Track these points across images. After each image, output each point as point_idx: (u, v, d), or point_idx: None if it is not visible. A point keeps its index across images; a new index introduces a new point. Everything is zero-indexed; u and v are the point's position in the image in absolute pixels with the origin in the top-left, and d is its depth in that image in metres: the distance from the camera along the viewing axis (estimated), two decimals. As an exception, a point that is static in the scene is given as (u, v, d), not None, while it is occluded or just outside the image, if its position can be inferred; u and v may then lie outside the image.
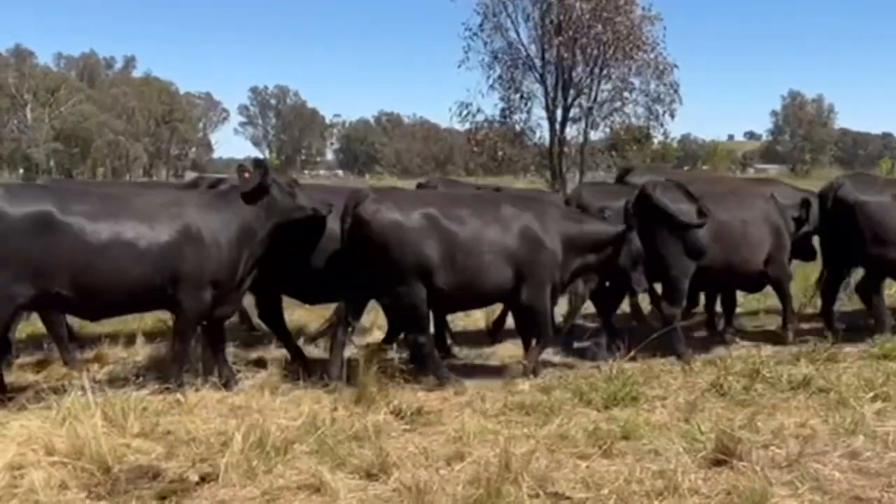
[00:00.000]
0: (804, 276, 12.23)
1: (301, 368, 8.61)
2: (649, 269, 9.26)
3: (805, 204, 10.39)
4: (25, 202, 7.27)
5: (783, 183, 12.34)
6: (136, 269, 7.54)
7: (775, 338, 10.34)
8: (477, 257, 8.38)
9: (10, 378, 8.01)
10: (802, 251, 10.64)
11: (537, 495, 5.52)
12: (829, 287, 10.79)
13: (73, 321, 9.43)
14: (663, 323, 9.45)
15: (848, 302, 11.66)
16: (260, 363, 9.01)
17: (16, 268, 7.16)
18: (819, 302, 11.33)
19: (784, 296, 10.26)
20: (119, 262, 7.46)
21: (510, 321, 11.16)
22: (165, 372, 8.00)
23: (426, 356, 8.56)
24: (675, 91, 33.89)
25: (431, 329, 9.04)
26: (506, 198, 9.35)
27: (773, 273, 9.95)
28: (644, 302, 11.42)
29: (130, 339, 10.11)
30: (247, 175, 8.24)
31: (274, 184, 8.24)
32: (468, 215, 8.51)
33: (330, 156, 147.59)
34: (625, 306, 11.08)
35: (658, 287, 9.90)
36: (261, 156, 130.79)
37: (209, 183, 9.46)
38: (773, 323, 11.20)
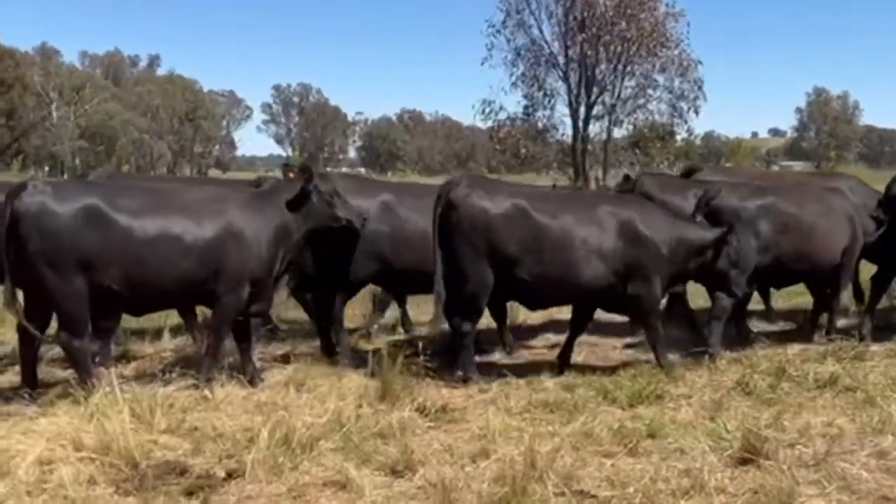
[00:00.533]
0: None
1: (326, 362, 8.75)
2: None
3: (881, 204, 10.37)
4: (75, 198, 7.42)
5: (856, 179, 12.16)
6: (184, 264, 7.67)
7: (801, 336, 10.28)
8: (568, 252, 8.37)
9: (39, 374, 8.07)
10: (874, 251, 10.51)
11: (563, 493, 5.51)
12: (880, 284, 10.67)
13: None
14: (714, 316, 9.41)
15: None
16: (284, 360, 9.05)
17: (74, 264, 7.31)
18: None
19: (837, 291, 10.21)
20: (168, 258, 7.60)
21: (533, 317, 11.22)
22: (197, 365, 8.07)
23: (463, 347, 8.54)
24: (699, 88, 33.89)
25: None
26: (605, 196, 9.40)
27: (845, 265, 9.96)
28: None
29: (156, 335, 10.19)
30: (291, 175, 8.47)
31: (315, 190, 8.38)
32: (562, 209, 8.53)
33: (352, 153, 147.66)
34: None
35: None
36: (283, 153, 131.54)
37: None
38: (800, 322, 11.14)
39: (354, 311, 11.30)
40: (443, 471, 5.86)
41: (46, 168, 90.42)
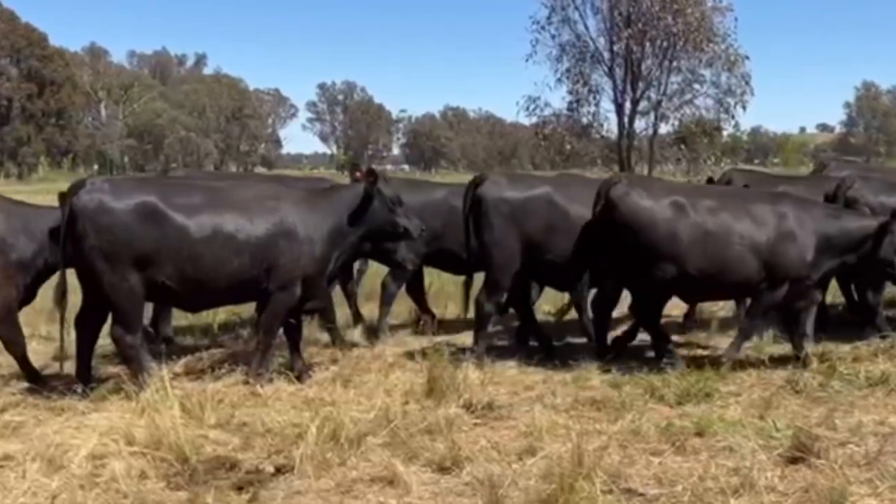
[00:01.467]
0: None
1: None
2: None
3: None
4: (132, 195, 7.54)
5: None
6: (236, 261, 7.75)
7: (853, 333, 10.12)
8: (723, 248, 8.44)
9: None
10: None
11: (610, 491, 5.46)
12: None
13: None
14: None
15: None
16: (332, 356, 9.09)
17: (129, 260, 7.43)
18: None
19: None
20: (221, 254, 7.68)
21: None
22: (249, 361, 8.13)
23: (603, 327, 8.93)
24: (747, 83, 33.45)
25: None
26: (758, 192, 9.45)
27: None
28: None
29: (205, 332, 10.29)
30: (357, 175, 8.53)
31: (378, 194, 8.40)
32: (718, 206, 8.59)
33: (396, 151, 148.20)
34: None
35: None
36: (328, 151, 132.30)
37: None
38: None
39: (400, 308, 11.32)
40: (490, 468, 5.85)
41: (95, 166, 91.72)
